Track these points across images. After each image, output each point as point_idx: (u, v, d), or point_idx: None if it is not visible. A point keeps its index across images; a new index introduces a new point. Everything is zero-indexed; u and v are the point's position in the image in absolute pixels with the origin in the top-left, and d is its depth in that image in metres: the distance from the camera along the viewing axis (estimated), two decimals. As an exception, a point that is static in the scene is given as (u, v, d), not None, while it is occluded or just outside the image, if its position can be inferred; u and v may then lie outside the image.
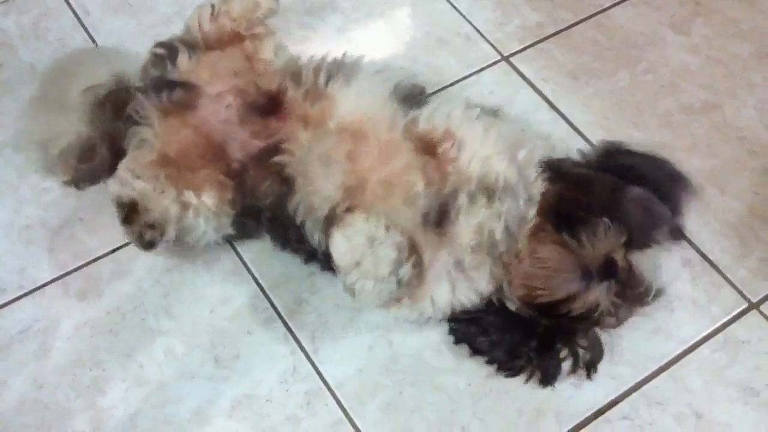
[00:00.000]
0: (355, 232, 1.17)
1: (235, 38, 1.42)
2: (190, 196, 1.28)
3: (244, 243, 1.41)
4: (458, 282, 1.24)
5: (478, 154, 1.21)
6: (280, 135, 1.30)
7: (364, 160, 1.25)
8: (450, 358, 1.30)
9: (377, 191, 1.23)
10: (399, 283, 1.18)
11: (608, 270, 1.18)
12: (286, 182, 1.28)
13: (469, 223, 1.20)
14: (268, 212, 1.32)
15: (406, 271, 1.18)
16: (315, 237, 1.27)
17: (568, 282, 1.18)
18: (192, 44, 1.40)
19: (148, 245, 1.29)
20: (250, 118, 1.33)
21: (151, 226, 1.27)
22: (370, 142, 1.26)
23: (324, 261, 1.30)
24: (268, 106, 1.33)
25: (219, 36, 1.41)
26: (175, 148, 1.32)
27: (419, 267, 1.21)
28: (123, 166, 1.31)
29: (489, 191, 1.19)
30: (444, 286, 1.24)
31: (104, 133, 1.38)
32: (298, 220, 1.27)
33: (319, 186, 1.25)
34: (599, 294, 1.19)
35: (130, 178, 1.28)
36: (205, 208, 1.29)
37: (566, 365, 1.28)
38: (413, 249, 1.21)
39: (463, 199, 1.20)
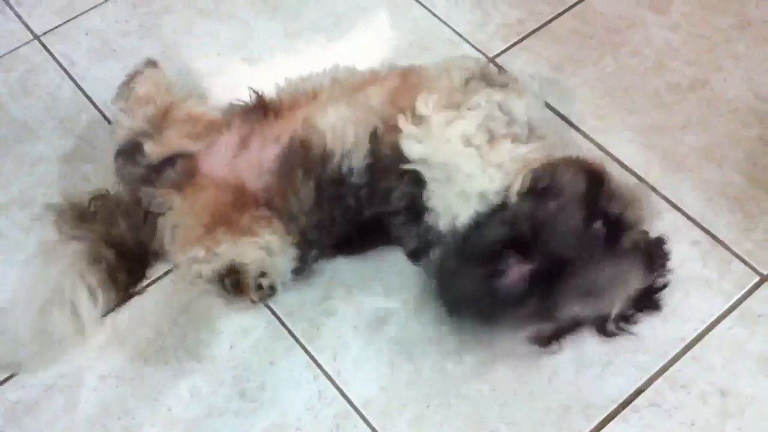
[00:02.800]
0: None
1: (168, 112, 1.44)
2: (251, 244, 1.31)
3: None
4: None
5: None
6: (291, 128, 1.33)
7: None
8: (471, 365, 1.32)
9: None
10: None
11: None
12: (313, 158, 1.30)
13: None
14: (314, 217, 1.32)
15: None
16: (363, 166, 1.29)
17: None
18: (146, 134, 1.40)
19: (263, 297, 1.37)
20: (251, 128, 1.36)
21: (262, 274, 1.33)
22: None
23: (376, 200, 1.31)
24: (262, 107, 1.39)
25: (155, 120, 1.42)
26: (208, 214, 1.33)
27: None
28: (180, 255, 1.34)
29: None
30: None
31: (105, 242, 1.38)
32: (342, 173, 1.29)
33: (345, 125, 1.30)
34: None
35: (203, 255, 1.31)
36: (273, 244, 1.32)
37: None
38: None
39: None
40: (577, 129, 1.58)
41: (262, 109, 1.39)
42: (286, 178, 1.31)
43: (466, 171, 1.23)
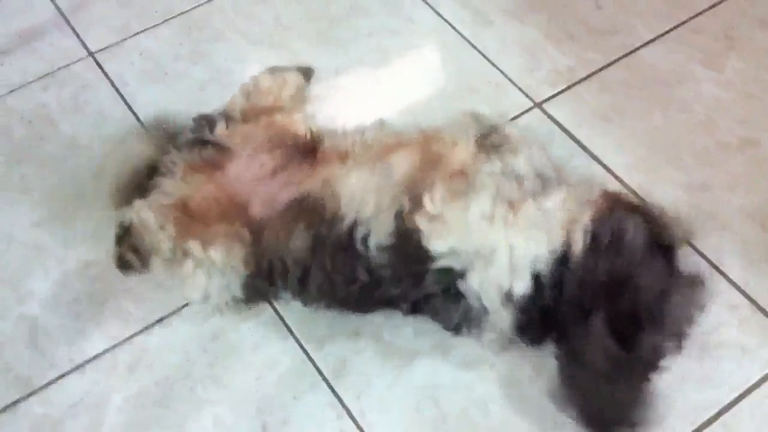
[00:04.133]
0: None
1: (269, 113, 1.49)
2: (195, 246, 1.31)
3: (287, 305, 1.42)
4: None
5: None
6: (313, 180, 1.33)
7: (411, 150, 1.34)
8: (497, 416, 1.30)
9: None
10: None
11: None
12: (321, 216, 1.29)
13: None
14: (298, 269, 1.32)
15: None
16: (374, 240, 1.27)
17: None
18: (230, 117, 1.48)
19: (124, 266, 1.36)
20: (288, 164, 1.37)
21: (135, 250, 1.34)
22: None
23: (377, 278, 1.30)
24: (307, 149, 1.41)
25: (253, 111, 1.49)
26: (195, 202, 1.36)
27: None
28: (139, 201, 1.37)
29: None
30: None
31: None
32: (359, 236, 1.27)
33: (366, 195, 1.29)
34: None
35: (141, 207, 1.34)
36: (210, 262, 1.32)
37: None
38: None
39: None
40: (621, 181, 1.56)
41: (307, 150, 1.41)
42: (287, 221, 1.31)
43: (504, 246, 1.21)
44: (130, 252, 1.35)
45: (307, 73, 1.66)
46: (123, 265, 1.36)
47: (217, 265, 1.32)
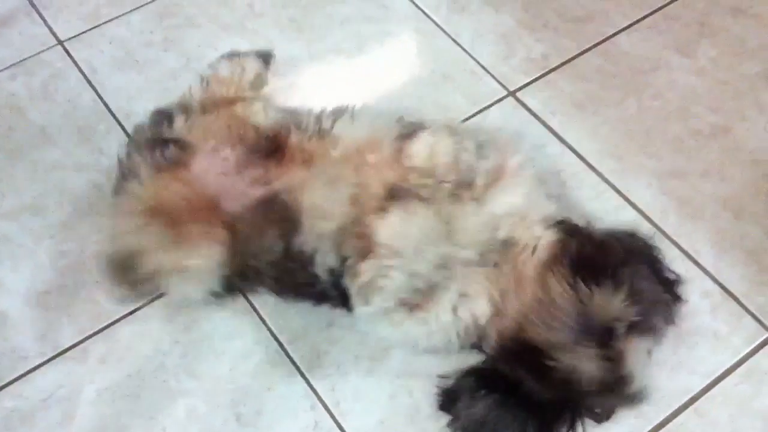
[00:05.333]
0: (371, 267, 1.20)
1: (228, 103, 1.46)
2: (170, 260, 1.30)
3: (260, 296, 1.41)
4: (461, 299, 1.23)
5: (427, 141, 1.27)
6: (280, 183, 1.31)
7: (369, 168, 1.29)
8: (472, 405, 1.30)
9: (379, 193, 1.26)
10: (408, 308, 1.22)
11: (607, 336, 1.14)
12: (290, 225, 1.28)
13: (427, 140, 1.28)
14: (272, 271, 1.31)
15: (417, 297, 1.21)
16: (327, 264, 1.26)
17: (565, 328, 1.15)
18: (188, 109, 1.44)
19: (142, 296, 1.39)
20: (251, 162, 1.34)
21: (145, 280, 1.32)
22: (374, 153, 1.30)
23: (336, 296, 1.30)
24: (270, 148, 1.36)
25: (212, 101, 1.46)
26: (165, 204, 1.32)
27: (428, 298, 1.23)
28: (109, 222, 1.36)
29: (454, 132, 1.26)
30: (446, 299, 1.23)
31: None
32: (307, 255, 1.27)
33: (326, 209, 1.26)
34: (585, 360, 1.14)
35: (122, 230, 1.32)
36: (188, 269, 1.30)
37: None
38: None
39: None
40: (594, 170, 1.56)
41: (272, 145, 1.37)
42: (257, 222, 1.30)
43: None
44: (141, 284, 1.33)
45: (266, 57, 1.61)
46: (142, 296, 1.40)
47: (195, 274, 1.31)
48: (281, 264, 1.30)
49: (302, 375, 1.33)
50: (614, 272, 1.17)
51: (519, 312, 1.20)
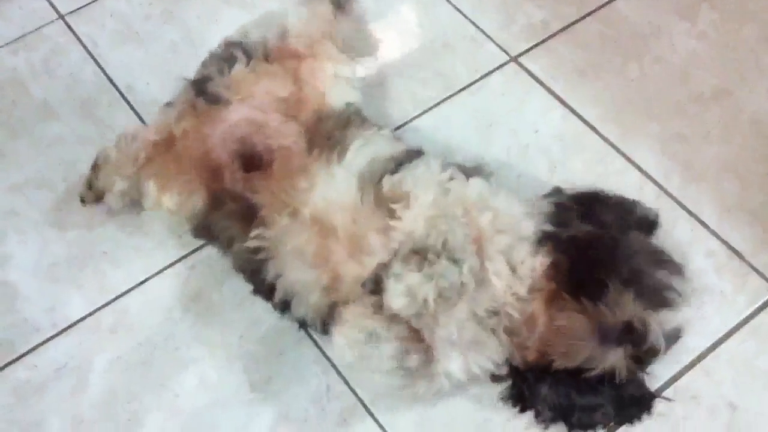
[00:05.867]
0: (352, 330, 1.14)
1: (294, 56, 1.42)
2: (152, 187, 1.35)
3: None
4: (467, 352, 1.20)
5: (422, 214, 1.18)
6: (259, 198, 1.29)
7: (335, 257, 1.23)
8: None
9: (354, 287, 1.20)
10: (408, 371, 1.16)
11: (628, 336, 1.13)
12: (262, 256, 1.27)
13: (397, 288, 1.12)
14: (235, 257, 1.34)
15: (413, 360, 1.15)
16: (301, 312, 1.26)
17: (587, 347, 1.13)
18: (252, 53, 1.42)
19: (81, 199, 1.44)
20: (237, 165, 1.34)
21: (89, 186, 1.42)
22: (338, 237, 1.23)
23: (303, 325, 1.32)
24: (254, 164, 1.33)
25: (279, 52, 1.43)
26: (179, 145, 1.36)
27: (425, 351, 1.18)
28: (127, 132, 1.42)
29: (422, 253, 1.14)
30: (455, 359, 1.19)
31: None
32: (278, 297, 1.26)
33: (295, 277, 1.24)
34: (616, 359, 1.14)
35: (109, 148, 1.41)
36: (164, 206, 1.36)
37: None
38: (416, 334, 1.17)
39: (395, 262, 1.15)
40: (598, 133, 1.57)
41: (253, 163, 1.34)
42: (239, 219, 1.30)
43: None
44: (85, 187, 1.43)
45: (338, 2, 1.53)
46: (81, 198, 1.45)
47: (167, 211, 1.36)
48: (244, 257, 1.30)
49: (313, 340, 1.34)
50: (611, 274, 1.15)
51: (538, 345, 1.19)
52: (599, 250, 1.20)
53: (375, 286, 1.16)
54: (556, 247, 1.20)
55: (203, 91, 1.39)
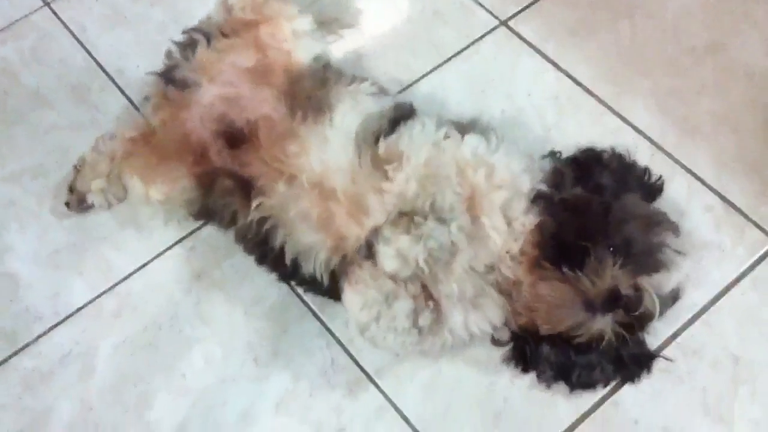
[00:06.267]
0: (367, 288, 1.15)
1: (247, 26, 1.41)
2: (136, 183, 1.36)
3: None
4: (468, 311, 1.21)
5: (414, 175, 1.19)
6: (253, 170, 1.29)
7: (337, 219, 1.23)
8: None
9: (357, 247, 1.21)
10: (420, 331, 1.17)
11: (612, 302, 1.13)
12: (268, 225, 1.27)
13: (387, 252, 1.15)
14: (238, 234, 1.35)
15: (425, 319, 1.16)
16: (312, 271, 1.25)
17: (571, 315, 1.14)
18: (209, 33, 1.41)
19: (66, 204, 1.45)
20: (222, 143, 1.33)
21: (71, 190, 1.43)
22: (339, 199, 1.24)
23: (310, 286, 1.31)
24: (239, 139, 1.32)
25: (232, 26, 1.42)
26: (158, 136, 1.37)
27: (436, 310, 1.19)
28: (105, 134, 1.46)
29: (409, 215, 1.15)
30: (457, 316, 1.20)
31: None
32: (288, 258, 1.26)
33: (306, 239, 1.25)
34: (603, 325, 1.14)
35: (99, 145, 1.45)
36: (152, 198, 1.36)
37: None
38: (427, 292, 1.18)
39: (385, 226, 1.17)
40: (591, 94, 1.56)
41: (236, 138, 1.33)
42: (233, 189, 1.31)
43: None
44: (68, 192, 1.44)
45: None
46: (66, 204, 1.45)
47: (156, 202, 1.37)
48: (248, 232, 1.30)
49: (315, 315, 1.35)
50: (598, 240, 1.15)
51: (524, 310, 1.19)
52: (587, 215, 1.19)
53: (368, 251, 1.17)
54: (546, 209, 1.20)
55: (172, 80, 1.38)
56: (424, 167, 1.19)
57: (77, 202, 1.44)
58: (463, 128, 1.27)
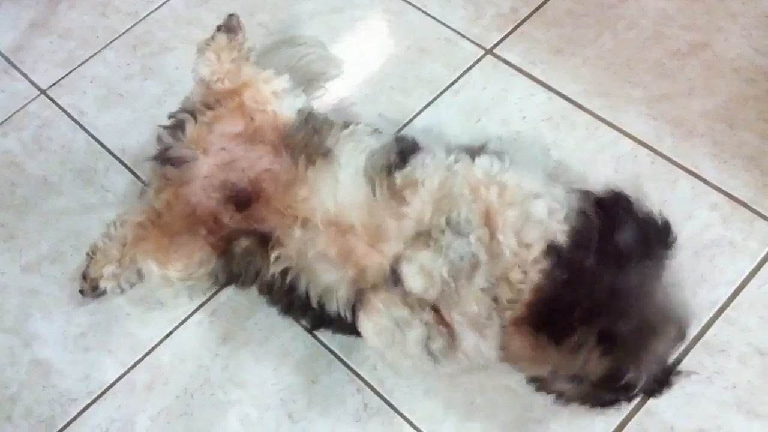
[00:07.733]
0: (381, 316, 1.16)
1: (231, 95, 1.45)
2: (151, 266, 1.38)
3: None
4: (480, 338, 1.20)
5: (429, 198, 1.21)
6: (268, 224, 1.32)
7: (358, 251, 1.26)
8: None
9: (378, 274, 1.23)
10: (434, 357, 1.17)
11: (576, 379, 1.18)
12: (291, 276, 1.30)
13: (411, 270, 1.15)
14: (263, 290, 1.37)
15: (437, 344, 1.17)
16: (336, 309, 1.28)
17: (536, 371, 1.22)
18: (193, 111, 1.44)
19: (81, 291, 1.47)
20: (231, 208, 1.36)
21: (84, 277, 1.46)
22: (357, 232, 1.26)
23: (338, 326, 1.33)
24: (246, 199, 1.35)
25: (215, 98, 1.45)
26: (165, 215, 1.39)
27: (449, 334, 1.19)
28: (115, 220, 1.49)
29: (426, 233, 1.17)
30: (469, 340, 1.20)
31: None
32: (314, 301, 1.29)
33: (326, 279, 1.27)
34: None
35: (110, 230, 1.47)
36: (171, 278, 1.38)
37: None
38: (441, 319, 1.18)
39: (406, 248, 1.19)
40: (584, 109, 1.59)
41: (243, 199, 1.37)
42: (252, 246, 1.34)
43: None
44: (81, 279, 1.47)
45: (229, 26, 1.55)
46: (80, 291, 1.48)
47: (177, 281, 1.39)
48: (273, 285, 1.34)
49: (342, 362, 1.36)
50: (588, 321, 1.14)
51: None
52: (590, 295, 1.15)
53: (395, 276, 1.19)
54: (554, 269, 1.18)
55: (168, 160, 1.41)
56: (438, 190, 1.22)
57: (91, 289, 1.46)
58: (474, 152, 1.30)
